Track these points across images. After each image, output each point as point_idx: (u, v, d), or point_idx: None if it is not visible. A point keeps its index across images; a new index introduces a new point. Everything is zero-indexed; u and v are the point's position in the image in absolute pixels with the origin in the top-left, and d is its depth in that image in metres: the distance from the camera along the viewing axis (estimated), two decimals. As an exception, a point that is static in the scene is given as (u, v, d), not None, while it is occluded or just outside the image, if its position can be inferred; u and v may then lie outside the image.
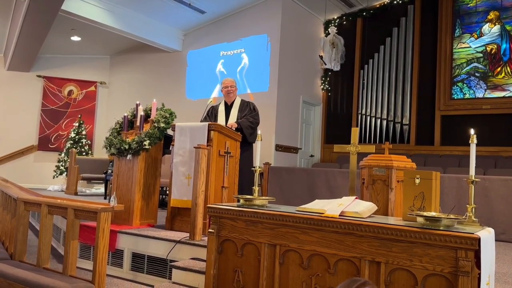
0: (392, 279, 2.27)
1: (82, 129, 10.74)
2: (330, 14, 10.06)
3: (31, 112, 11.40)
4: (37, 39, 9.07)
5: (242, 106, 5.36)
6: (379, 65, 9.50)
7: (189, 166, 4.42)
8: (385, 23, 9.57)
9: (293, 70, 9.29)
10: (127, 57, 11.77)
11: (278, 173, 7.50)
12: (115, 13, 9.11)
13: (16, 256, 3.79)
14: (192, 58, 10.38)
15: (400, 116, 9.08)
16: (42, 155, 11.39)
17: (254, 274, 2.75)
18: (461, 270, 2.06)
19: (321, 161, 10.13)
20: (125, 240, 4.49)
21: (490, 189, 5.42)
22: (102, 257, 3.18)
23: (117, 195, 4.83)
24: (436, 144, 8.77)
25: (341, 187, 6.71)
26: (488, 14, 8.54)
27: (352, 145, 3.46)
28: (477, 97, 8.52)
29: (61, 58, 11.77)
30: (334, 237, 2.46)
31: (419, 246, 2.19)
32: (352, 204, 2.60)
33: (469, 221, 2.36)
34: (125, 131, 5.09)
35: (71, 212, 3.39)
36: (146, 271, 4.31)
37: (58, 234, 5.71)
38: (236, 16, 9.62)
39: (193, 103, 9.96)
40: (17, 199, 3.86)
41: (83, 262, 4.76)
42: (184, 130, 4.55)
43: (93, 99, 11.96)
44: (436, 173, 2.47)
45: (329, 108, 10.24)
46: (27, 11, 7.48)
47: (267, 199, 2.98)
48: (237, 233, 2.84)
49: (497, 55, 8.38)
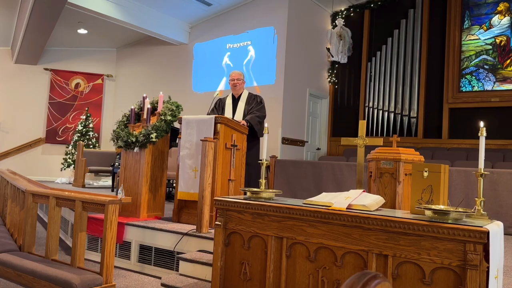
0: (400, 272, 2.26)
1: (89, 121, 10.79)
2: (337, 6, 9.98)
3: (38, 105, 11.47)
4: (44, 32, 9.10)
5: (249, 99, 5.35)
6: (387, 57, 9.42)
7: (196, 159, 4.42)
8: (393, 15, 9.48)
9: (300, 62, 9.24)
10: (133, 50, 11.77)
11: (284, 166, 7.49)
12: (121, 6, 9.10)
13: (25, 247, 3.82)
14: (199, 51, 10.36)
15: (407, 109, 9.02)
16: (50, 147, 11.47)
17: (261, 266, 2.75)
18: (470, 264, 2.05)
19: (328, 154, 10.11)
20: (132, 232, 4.52)
21: (498, 183, 5.38)
22: (110, 249, 3.20)
23: (125, 188, 4.85)
24: (444, 137, 8.71)
25: (348, 180, 6.69)
26: (497, 6, 8.43)
27: (360, 138, 3.44)
28: (486, 90, 8.44)
29: (68, 51, 11.80)
30: (341, 230, 2.45)
31: (427, 239, 2.18)
32: (359, 197, 2.59)
33: (478, 215, 2.34)
34: (132, 123, 5.11)
35: (79, 204, 3.41)
36: (154, 263, 4.33)
37: (66, 226, 5.75)
38: (242, 8, 9.57)
39: (199, 96, 9.96)
40: (26, 191, 3.89)
41: (91, 254, 4.80)
42: (191, 123, 4.55)
43: (100, 92, 11.99)
44: (444, 166, 2.45)
45: (336, 101, 10.19)
46: (34, 4, 7.50)
47: (274, 192, 2.98)
48: (244, 226, 2.84)
49: (507, 47, 8.28)
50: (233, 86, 5.40)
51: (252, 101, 5.32)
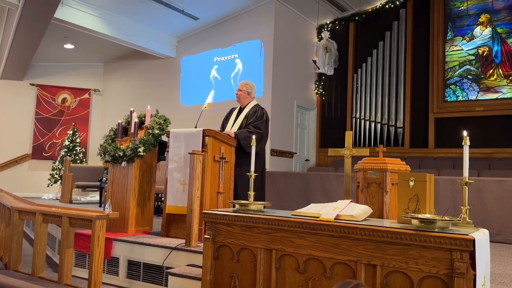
0: (388, 282, 2.27)
1: (76, 136, 10.70)
2: (322, 19, 10.11)
3: (24, 120, 11.36)
4: (30, 47, 9.05)
5: (250, 112, 5.14)
6: (372, 68, 9.55)
7: (184, 172, 4.41)
8: (378, 27, 9.63)
9: (287, 75, 9.32)
10: (120, 64, 11.76)
11: (273, 177, 7.50)
12: (108, 21, 9.11)
13: (11, 265, 3.76)
14: (186, 64, 10.39)
15: (394, 119, 9.12)
16: (36, 163, 11.34)
17: (251, 279, 2.74)
18: (457, 272, 2.07)
19: (317, 165, 10.14)
20: (120, 248, 4.47)
21: (484, 191, 5.44)
22: (97, 265, 3.17)
23: (112, 203, 4.81)
24: (430, 147, 8.81)
25: (337, 190, 6.71)
26: (479, 17, 8.62)
27: (347, 149, 3.48)
28: (470, 99, 8.58)
29: (55, 66, 11.74)
30: (330, 240, 2.46)
31: (414, 248, 2.20)
32: (347, 208, 2.61)
33: (464, 223, 2.37)
34: (120, 138, 5.08)
35: (65, 220, 3.37)
36: (142, 279, 4.28)
37: (53, 243, 5.67)
38: (229, 22, 9.65)
39: (187, 109, 9.96)
40: (11, 208, 3.84)
41: (79, 270, 4.72)
42: (179, 136, 4.54)
43: (87, 107, 11.93)
44: (430, 175, 2.48)
45: (324, 112, 10.27)
46: (20, 19, 7.47)
47: (263, 203, 2.98)
48: (233, 239, 2.83)
49: (489, 57, 8.45)
50: (237, 97, 5.32)
51: (252, 114, 5.10)
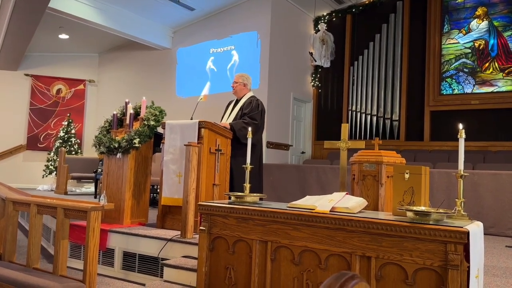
0: (383, 274, 2.28)
1: (71, 128, 10.64)
2: (319, 11, 10.07)
3: (19, 111, 11.28)
4: (24, 37, 8.96)
5: (245, 104, 5.16)
6: (369, 61, 9.54)
7: (180, 164, 4.40)
8: (375, 19, 9.60)
9: (283, 67, 9.29)
10: (116, 55, 11.68)
11: (269, 170, 7.50)
12: (103, 11, 9.03)
13: (6, 256, 3.75)
14: (182, 56, 10.33)
15: (389, 112, 9.13)
16: (31, 154, 11.29)
17: (246, 271, 2.75)
18: (451, 264, 2.08)
19: (312, 157, 10.16)
20: (115, 239, 4.46)
21: (479, 184, 5.47)
22: (92, 257, 3.17)
23: (107, 194, 4.80)
24: (426, 140, 8.83)
25: (332, 183, 6.73)
26: (476, 10, 8.61)
27: (342, 141, 3.48)
28: (466, 93, 8.60)
29: (49, 57, 11.65)
30: (325, 232, 2.47)
31: (409, 240, 2.21)
32: (342, 200, 2.61)
33: (458, 215, 2.38)
34: (115, 129, 5.06)
35: (60, 212, 3.36)
36: (138, 270, 4.29)
37: (48, 234, 5.66)
38: (226, 13, 9.59)
39: (183, 101, 9.92)
40: (6, 199, 3.82)
41: (74, 261, 4.72)
42: (175, 128, 4.53)
43: (82, 98, 11.86)
44: (425, 167, 2.49)
45: (320, 105, 10.26)
46: (14, 9, 7.39)
47: (258, 195, 2.98)
48: (229, 230, 2.84)
49: (485, 50, 8.45)
50: (233, 90, 5.33)
51: (247, 106, 5.12)
